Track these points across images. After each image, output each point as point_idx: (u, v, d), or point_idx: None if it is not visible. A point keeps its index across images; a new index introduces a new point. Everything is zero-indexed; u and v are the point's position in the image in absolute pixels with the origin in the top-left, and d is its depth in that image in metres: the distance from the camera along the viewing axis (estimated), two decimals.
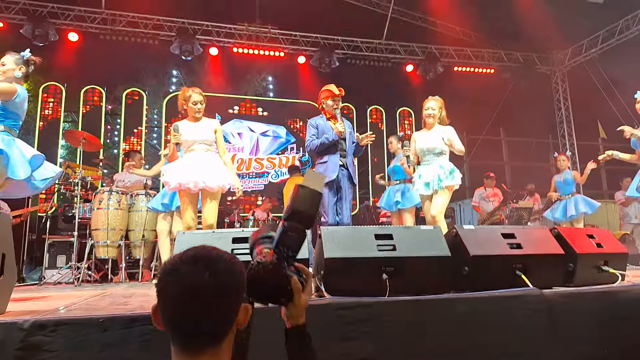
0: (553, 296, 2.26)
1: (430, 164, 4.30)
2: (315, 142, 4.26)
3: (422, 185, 4.25)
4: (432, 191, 4.18)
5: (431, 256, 2.33)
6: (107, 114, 9.69)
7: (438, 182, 4.14)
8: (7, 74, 3.31)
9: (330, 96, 4.36)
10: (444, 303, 2.13)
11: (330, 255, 2.23)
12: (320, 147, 4.25)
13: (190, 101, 4.03)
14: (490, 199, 8.38)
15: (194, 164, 3.84)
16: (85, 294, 3.43)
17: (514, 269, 2.45)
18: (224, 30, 9.63)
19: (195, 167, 3.82)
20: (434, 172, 4.21)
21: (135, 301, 2.61)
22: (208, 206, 3.87)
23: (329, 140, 4.21)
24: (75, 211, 5.41)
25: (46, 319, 1.67)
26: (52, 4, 8.63)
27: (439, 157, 4.29)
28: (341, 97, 4.38)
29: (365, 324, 1.98)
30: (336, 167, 4.19)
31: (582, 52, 10.64)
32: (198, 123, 4.04)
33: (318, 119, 4.39)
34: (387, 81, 10.51)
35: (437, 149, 4.28)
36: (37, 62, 3.51)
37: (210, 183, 3.78)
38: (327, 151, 4.27)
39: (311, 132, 4.34)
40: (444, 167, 4.24)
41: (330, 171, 4.17)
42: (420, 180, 4.28)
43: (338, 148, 4.27)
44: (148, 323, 1.72)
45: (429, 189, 4.19)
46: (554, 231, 2.76)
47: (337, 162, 4.22)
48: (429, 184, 4.19)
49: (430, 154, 4.31)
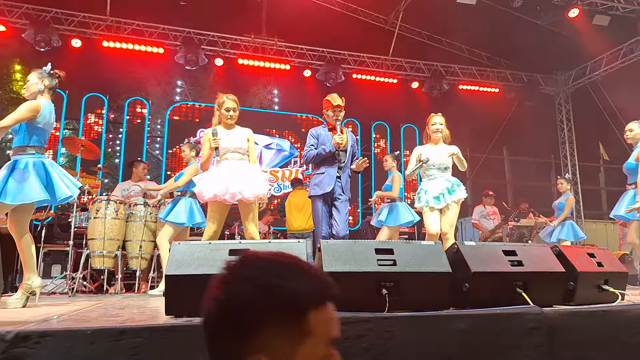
0: (554, 314, 2.21)
1: (435, 178, 4.29)
2: (312, 153, 4.19)
3: (432, 199, 4.19)
4: (443, 204, 4.16)
5: (432, 272, 2.28)
6: (109, 123, 9.69)
7: (450, 194, 4.14)
8: (31, 88, 3.43)
9: (330, 107, 4.28)
10: (443, 320, 2.08)
11: (330, 269, 2.18)
12: (316, 157, 4.17)
13: (223, 107, 3.94)
14: (490, 217, 8.35)
15: (230, 175, 3.71)
16: (78, 304, 3.36)
17: (514, 286, 2.41)
18: (229, 41, 9.67)
19: (231, 177, 3.69)
20: (442, 186, 4.20)
21: (128, 313, 2.55)
22: (251, 216, 3.79)
23: (325, 152, 4.12)
24: (72, 220, 5.33)
25: (30, 330, 1.61)
26: (56, 9, 8.60)
27: (444, 172, 4.32)
28: (342, 108, 4.27)
29: (363, 339, 1.93)
30: (332, 179, 4.11)
31: (586, 73, 10.68)
32: (231, 131, 3.94)
33: (320, 129, 4.31)
34: (392, 97, 10.53)
35: (443, 165, 4.30)
36: (61, 76, 3.58)
37: (247, 194, 3.67)
38: (324, 162, 4.18)
39: (311, 141, 4.25)
40: (451, 180, 4.27)
41: (326, 184, 4.09)
42: (427, 195, 4.23)
43: (336, 160, 4.18)
44: (138, 336, 1.66)
45: (440, 202, 4.16)
46: (555, 249, 2.73)
47: (333, 175, 4.13)
48: (439, 197, 4.17)
49: (435, 169, 4.30)
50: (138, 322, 1.90)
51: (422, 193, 4.31)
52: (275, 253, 0.90)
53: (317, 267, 2.39)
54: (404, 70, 10.52)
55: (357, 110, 10.37)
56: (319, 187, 4.12)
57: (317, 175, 4.20)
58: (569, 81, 11.23)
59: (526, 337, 2.10)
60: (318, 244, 2.40)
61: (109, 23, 8.91)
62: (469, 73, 10.81)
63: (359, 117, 10.52)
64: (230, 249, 2.26)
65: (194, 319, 1.91)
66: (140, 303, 3.49)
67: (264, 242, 2.31)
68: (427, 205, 4.24)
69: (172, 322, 1.82)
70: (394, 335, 1.97)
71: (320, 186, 4.11)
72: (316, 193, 4.12)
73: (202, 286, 2.10)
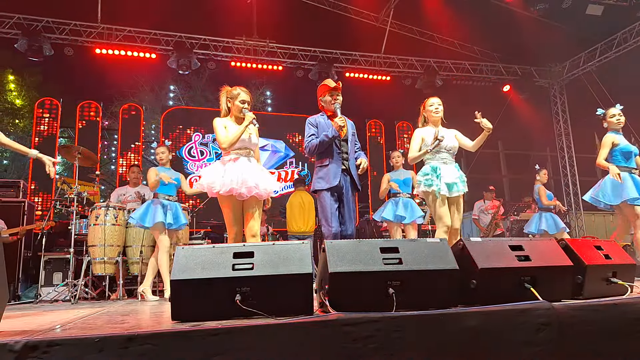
0: (564, 309, 2.20)
1: (446, 163, 4.02)
2: (314, 142, 3.82)
3: (445, 186, 3.90)
4: (455, 194, 3.93)
5: (438, 269, 2.26)
6: (104, 129, 9.65)
7: (462, 184, 3.95)
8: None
9: (327, 90, 3.96)
10: (452, 317, 2.07)
11: (335, 270, 2.16)
12: (320, 146, 3.81)
13: (237, 99, 3.73)
14: (489, 211, 8.37)
15: (242, 169, 3.55)
16: (82, 312, 3.33)
17: (522, 281, 2.39)
18: (221, 44, 9.65)
19: (246, 171, 3.55)
20: (455, 174, 3.96)
21: (133, 319, 2.52)
22: (256, 214, 3.59)
23: (329, 138, 3.76)
24: (72, 227, 5.32)
25: (39, 339, 1.59)
26: (47, 18, 8.58)
27: (453, 158, 4.08)
28: (340, 91, 3.98)
29: (372, 340, 1.91)
30: (338, 171, 3.77)
31: (580, 64, 10.71)
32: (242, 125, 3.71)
33: (318, 117, 3.97)
34: (386, 95, 10.55)
35: (453, 148, 4.06)
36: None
37: (262, 190, 3.55)
38: (327, 153, 3.84)
39: (310, 131, 3.89)
40: (460, 171, 4.06)
41: (332, 177, 3.74)
42: (441, 181, 3.91)
43: (340, 150, 3.86)
44: (146, 342, 1.64)
45: (452, 190, 3.92)
46: (561, 242, 2.71)
47: (339, 167, 3.80)
48: (452, 186, 3.92)
49: (445, 152, 4.03)
50: (145, 328, 1.88)
51: (434, 176, 3.91)
52: None
53: (322, 268, 2.38)
54: (397, 67, 10.53)
55: (350, 108, 10.35)
56: (324, 180, 3.77)
57: (321, 168, 3.86)
58: (563, 73, 11.26)
59: (537, 332, 2.09)
60: (323, 244, 2.37)
61: (101, 30, 8.90)
62: (462, 68, 10.83)
63: (353, 116, 10.47)
64: (234, 252, 2.24)
65: (201, 324, 1.89)
66: (144, 309, 3.47)
67: (268, 244, 2.29)
68: (440, 192, 3.88)
69: (179, 327, 1.80)
70: (403, 334, 1.96)
71: (326, 179, 3.76)
72: (322, 187, 3.76)
73: (207, 290, 2.11)
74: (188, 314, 2.11)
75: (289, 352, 1.80)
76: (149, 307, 3.66)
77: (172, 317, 2.11)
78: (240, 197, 3.55)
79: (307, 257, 2.23)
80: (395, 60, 10.49)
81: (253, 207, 3.64)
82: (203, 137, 9.57)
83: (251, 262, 2.15)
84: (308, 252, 2.27)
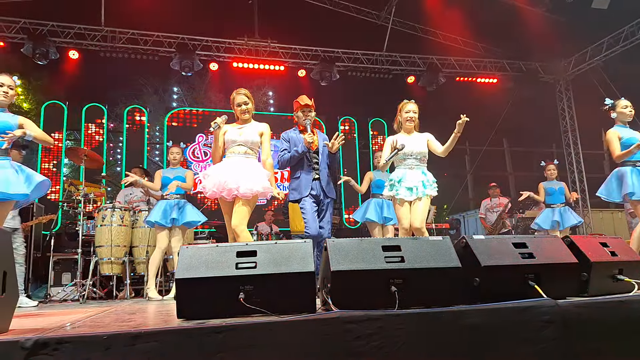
0: (568, 306, 2.19)
1: (412, 168, 4.09)
2: (285, 157, 4.15)
3: (404, 190, 3.99)
4: (414, 197, 3.96)
5: (441, 267, 2.27)
6: (109, 132, 9.71)
7: (423, 188, 3.97)
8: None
9: (299, 107, 4.24)
10: (455, 315, 2.07)
11: (337, 268, 2.18)
12: (291, 160, 4.14)
13: (234, 103, 3.91)
14: (495, 210, 8.31)
15: (230, 171, 3.66)
16: (90, 311, 3.38)
17: (526, 279, 2.38)
18: (223, 45, 9.69)
19: (231, 173, 3.63)
20: (418, 178, 4.01)
21: (140, 317, 2.56)
22: (238, 208, 3.64)
23: (298, 153, 4.08)
24: (79, 228, 5.38)
25: (49, 337, 1.62)
26: (52, 22, 8.67)
27: (422, 163, 4.13)
28: (312, 108, 4.22)
29: (375, 338, 1.92)
30: (309, 182, 4.09)
31: (586, 59, 10.58)
32: (245, 125, 3.89)
33: (290, 132, 4.28)
34: (388, 93, 10.53)
35: (421, 153, 4.11)
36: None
37: (244, 190, 3.59)
38: (299, 166, 4.15)
39: (283, 146, 4.21)
40: (427, 174, 4.09)
41: (303, 188, 4.08)
42: (400, 185, 4.02)
43: (311, 162, 4.13)
44: (152, 340, 1.67)
45: (412, 194, 3.97)
46: (566, 239, 2.70)
47: (310, 178, 4.10)
48: (412, 189, 3.97)
49: (412, 158, 4.09)
50: (151, 326, 1.91)
51: (395, 181, 4.06)
52: None
53: (324, 266, 2.40)
54: (399, 65, 10.52)
55: (353, 107, 10.38)
56: (296, 191, 4.11)
57: (293, 180, 4.18)
58: (569, 68, 11.13)
59: (541, 330, 2.08)
60: (324, 242, 2.39)
61: (105, 33, 8.97)
62: (465, 65, 10.79)
63: (356, 115, 10.52)
64: (237, 251, 2.26)
65: (206, 322, 1.91)
66: (150, 307, 3.51)
67: (270, 242, 2.31)
68: (398, 196, 4.02)
69: (184, 325, 1.83)
70: (405, 332, 1.97)
71: (298, 190, 4.09)
72: (294, 198, 4.12)
73: (211, 289, 2.13)
74: (193, 312, 2.13)
75: (292, 349, 1.82)
76: (155, 306, 3.70)
77: (178, 315, 2.14)
78: (225, 200, 3.67)
79: (309, 255, 2.25)
80: (397, 58, 10.46)
81: (237, 204, 3.66)
82: (206, 138, 9.61)
83: (254, 260, 2.17)
84: (310, 250, 2.29)
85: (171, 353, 1.69)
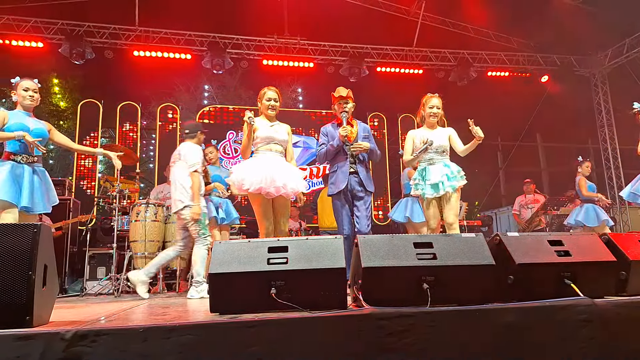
0: (606, 305, 2.13)
1: (434, 163, 4.04)
2: (322, 150, 4.11)
3: (430, 188, 3.95)
4: (442, 192, 3.91)
5: (474, 265, 2.23)
6: (142, 130, 9.94)
7: (448, 181, 3.90)
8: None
9: (335, 100, 4.21)
10: (488, 313, 2.04)
11: (368, 265, 2.17)
12: (327, 154, 4.09)
13: (264, 97, 3.90)
14: (530, 206, 8.13)
15: (271, 167, 3.63)
16: (125, 304, 3.48)
17: (562, 277, 2.32)
18: (253, 43, 9.77)
19: (275, 170, 3.62)
20: (441, 172, 3.95)
21: (173, 311, 2.62)
22: (286, 217, 3.72)
23: (334, 147, 4.02)
24: (114, 223, 5.54)
25: (87, 329, 1.68)
26: (88, 23, 8.92)
27: (442, 155, 4.07)
28: (348, 99, 4.14)
29: (407, 334, 1.91)
30: (346, 175, 3.99)
31: (624, 52, 10.19)
32: (275, 123, 3.89)
33: (329, 126, 4.23)
34: (418, 89, 10.39)
35: (441, 147, 4.05)
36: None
37: (290, 189, 3.61)
38: (336, 159, 4.09)
39: (322, 140, 4.17)
40: (450, 166, 4.01)
41: (340, 181, 3.99)
42: (426, 183, 3.98)
43: (347, 155, 4.05)
44: (187, 333, 1.71)
45: (439, 190, 3.92)
46: (603, 237, 2.61)
47: (346, 171, 4.01)
48: (437, 186, 3.92)
49: (432, 152, 4.05)
50: (185, 319, 1.96)
51: (420, 180, 4.04)
52: None
53: (355, 263, 2.40)
54: (429, 60, 10.36)
55: (382, 103, 10.29)
56: (334, 185, 4.04)
57: (331, 174, 4.12)
58: (605, 61, 10.74)
59: (578, 329, 2.03)
60: (355, 239, 2.39)
61: (138, 33, 9.18)
62: (497, 59, 10.54)
63: (385, 111, 10.43)
64: (269, 247, 2.28)
65: (238, 316, 1.95)
66: (183, 302, 3.59)
67: (301, 238, 2.32)
68: (425, 196, 3.99)
69: (217, 319, 1.86)
70: (437, 330, 1.95)
71: (336, 184, 4.02)
72: (332, 192, 4.05)
73: (243, 284, 2.16)
74: (226, 307, 2.17)
75: (324, 345, 1.83)
76: (187, 301, 3.78)
77: (211, 309, 2.18)
78: (268, 196, 3.63)
79: (340, 251, 2.25)
80: (427, 53, 10.31)
81: (282, 207, 3.73)
82: (237, 135, 9.73)
83: (285, 256, 2.20)
84: (341, 247, 2.29)
85: (205, 346, 1.73)
